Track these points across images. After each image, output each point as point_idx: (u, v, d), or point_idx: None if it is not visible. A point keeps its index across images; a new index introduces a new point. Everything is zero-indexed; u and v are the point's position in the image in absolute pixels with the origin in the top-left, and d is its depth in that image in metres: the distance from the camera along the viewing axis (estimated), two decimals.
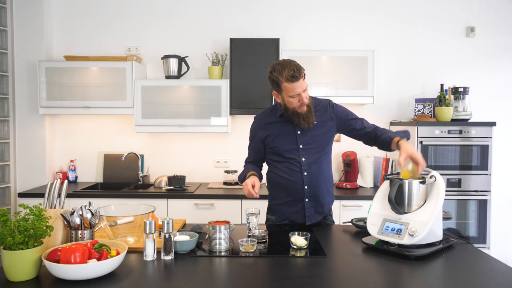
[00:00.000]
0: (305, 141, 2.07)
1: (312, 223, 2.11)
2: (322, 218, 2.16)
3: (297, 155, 2.06)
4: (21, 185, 3.53)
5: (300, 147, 2.06)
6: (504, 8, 3.65)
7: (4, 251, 1.34)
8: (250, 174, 2.09)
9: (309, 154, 2.07)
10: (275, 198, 2.18)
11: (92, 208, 1.65)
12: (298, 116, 2.02)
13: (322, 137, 2.10)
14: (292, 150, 2.07)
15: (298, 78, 1.91)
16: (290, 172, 2.07)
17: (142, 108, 3.37)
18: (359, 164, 3.56)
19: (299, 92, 1.95)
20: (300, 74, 1.92)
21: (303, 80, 1.95)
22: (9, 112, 3.52)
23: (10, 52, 3.50)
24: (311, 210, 2.09)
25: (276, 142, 2.09)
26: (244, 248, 1.66)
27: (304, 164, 2.06)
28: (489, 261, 1.58)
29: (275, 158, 2.13)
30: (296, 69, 1.91)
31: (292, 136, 2.07)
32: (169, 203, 3.15)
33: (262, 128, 2.14)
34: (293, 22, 3.67)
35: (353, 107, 3.68)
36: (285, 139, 2.08)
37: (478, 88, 3.65)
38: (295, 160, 2.07)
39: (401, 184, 1.71)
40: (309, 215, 2.10)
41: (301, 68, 1.94)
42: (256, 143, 2.18)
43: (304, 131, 2.06)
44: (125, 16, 3.70)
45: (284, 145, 2.08)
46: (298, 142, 2.07)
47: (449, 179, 3.17)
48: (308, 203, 2.08)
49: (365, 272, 1.48)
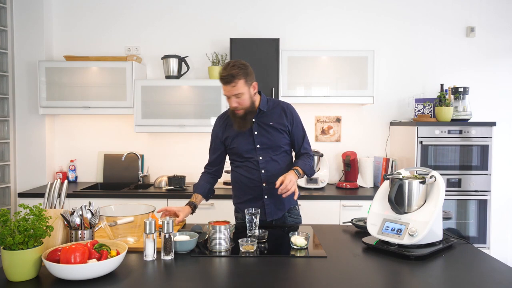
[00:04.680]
0: (262, 141, 2.13)
1: (273, 219, 2.18)
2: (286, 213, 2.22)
3: (255, 155, 2.13)
4: (21, 185, 3.53)
5: (258, 147, 2.13)
6: (504, 8, 3.65)
7: (4, 251, 1.34)
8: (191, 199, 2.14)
9: (266, 153, 2.13)
10: (237, 197, 2.27)
11: (92, 208, 1.65)
12: (233, 116, 2.09)
13: (278, 137, 2.14)
14: (250, 150, 2.13)
15: (226, 82, 1.96)
16: (249, 171, 2.14)
17: (142, 108, 3.37)
18: (359, 164, 3.56)
19: (227, 95, 2.01)
20: (229, 81, 1.94)
21: (234, 87, 1.96)
22: (9, 112, 3.52)
23: (10, 52, 3.50)
24: (271, 206, 2.16)
25: (235, 143, 2.15)
26: (244, 248, 1.66)
27: (261, 162, 2.12)
28: (489, 261, 1.58)
29: (235, 158, 2.21)
30: (229, 74, 1.93)
31: (250, 137, 2.13)
32: (169, 203, 3.15)
33: (221, 130, 2.21)
34: (293, 22, 3.68)
35: (353, 107, 3.70)
36: (243, 140, 2.14)
37: (478, 88, 3.65)
38: (253, 159, 2.13)
39: (401, 184, 1.71)
40: (270, 212, 2.16)
41: (235, 75, 1.94)
42: (216, 144, 2.24)
43: (261, 132, 2.12)
44: (125, 16, 3.70)
45: (243, 146, 2.14)
46: (255, 142, 2.12)
47: (449, 179, 3.17)
48: (268, 200, 2.15)
49: (365, 272, 1.48)
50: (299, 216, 2.29)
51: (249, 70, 2.02)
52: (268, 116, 2.14)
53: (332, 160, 3.71)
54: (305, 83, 3.37)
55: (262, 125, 2.13)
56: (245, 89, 2.00)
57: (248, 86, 2.02)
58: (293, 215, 2.25)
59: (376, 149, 3.73)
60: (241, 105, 2.03)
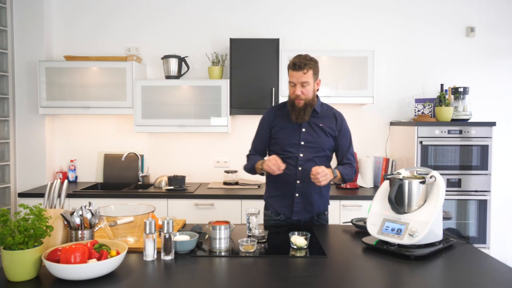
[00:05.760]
0: (307, 139, 2.13)
1: (299, 219, 2.16)
2: (315, 216, 2.20)
3: (297, 150, 2.13)
4: (21, 185, 3.53)
5: (301, 143, 2.12)
6: (504, 8, 3.65)
7: (4, 251, 1.34)
8: (260, 162, 2.13)
9: (308, 151, 2.12)
10: (268, 191, 2.27)
11: (92, 208, 1.65)
12: (292, 107, 2.11)
13: (323, 140, 2.15)
14: (293, 145, 2.13)
15: (298, 68, 2.01)
16: (286, 166, 2.10)
17: (142, 108, 3.37)
18: (359, 164, 3.56)
19: (295, 82, 2.05)
20: (302, 67, 2.01)
21: (304, 74, 2.02)
22: (9, 112, 3.52)
23: (10, 52, 3.50)
24: (300, 206, 2.14)
25: (280, 134, 2.17)
26: (244, 248, 1.66)
27: (301, 159, 2.12)
28: (489, 261, 1.58)
29: (276, 150, 2.19)
30: (302, 61, 2.01)
31: (296, 132, 2.14)
32: (169, 203, 3.15)
33: (272, 118, 2.22)
34: (293, 22, 3.67)
35: (353, 107, 3.70)
36: (288, 133, 2.15)
37: (478, 88, 3.65)
38: (293, 155, 2.13)
39: (401, 184, 1.71)
40: (297, 211, 2.14)
41: (308, 63, 2.02)
42: (264, 131, 2.24)
43: (309, 130, 2.13)
44: (125, 16, 3.70)
45: (287, 139, 2.15)
46: (301, 138, 2.13)
47: (449, 179, 3.17)
48: (298, 198, 2.13)
49: (365, 272, 1.48)
50: (327, 222, 2.27)
51: (318, 65, 2.09)
52: (320, 118, 2.17)
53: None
54: None
55: (312, 125, 2.15)
56: (312, 80, 2.06)
57: (315, 79, 2.09)
58: (321, 220, 2.23)
59: (376, 149, 3.73)
60: (305, 94, 2.06)
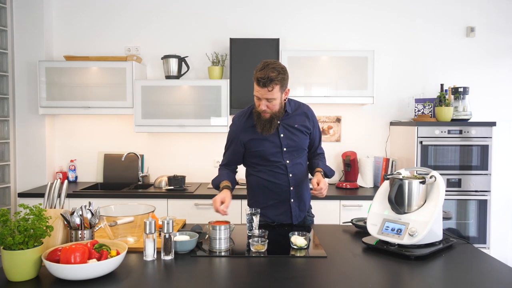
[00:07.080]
0: (288, 144, 2.07)
1: (298, 222, 2.16)
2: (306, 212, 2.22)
3: (282, 158, 2.06)
4: (21, 185, 3.53)
5: (284, 150, 2.06)
6: (504, 8, 3.65)
7: (4, 251, 1.34)
8: (223, 184, 2.02)
9: (291, 156, 2.08)
10: (257, 202, 2.12)
11: (92, 208, 1.65)
12: (258, 118, 2.00)
13: (302, 140, 2.11)
14: (276, 154, 2.06)
15: (263, 86, 1.87)
16: (275, 175, 2.07)
17: (142, 108, 3.37)
18: (359, 164, 3.56)
19: (259, 97, 1.93)
20: (266, 84, 1.86)
21: (269, 92, 1.89)
22: (9, 112, 3.52)
23: (10, 52, 3.50)
24: (296, 210, 2.13)
25: (261, 146, 2.05)
26: (255, 248, 1.66)
27: (289, 166, 2.07)
28: (489, 261, 1.58)
29: (257, 162, 2.10)
30: (267, 76, 1.85)
31: (276, 139, 2.05)
32: (169, 203, 3.15)
33: (244, 132, 2.08)
34: (293, 22, 3.67)
35: (353, 107, 3.70)
36: (269, 143, 2.05)
37: (478, 88, 3.65)
38: (280, 163, 2.07)
39: (401, 184, 1.71)
40: (295, 215, 2.13)
41: (274, 79, 1.86)
42: (236, 146, 2.11)
43: (287, 134, 2.07)
44: (125, 16, 3.70)
45: (269, 149, 2.05)
46: (282, 145, 2.06)
47: (449, 179, 3.17)
48: (294, 203, 2.12)
49: (365, 272, 1.48)
50: (313, 214, 2.29)
51: (286, 75, 1.93)
52: (292, 118, 2.08)
53: (332, 160, 3.71)
54: (305, 83, 3.37)
55: (288, 127, 2.07)
56: (279, 95, 1.92)
57: (282, 92, 1.94)
58: (310, 214, 2.25)
59: (376, 149, 3.73)
60: (270, 109, 1.95)
